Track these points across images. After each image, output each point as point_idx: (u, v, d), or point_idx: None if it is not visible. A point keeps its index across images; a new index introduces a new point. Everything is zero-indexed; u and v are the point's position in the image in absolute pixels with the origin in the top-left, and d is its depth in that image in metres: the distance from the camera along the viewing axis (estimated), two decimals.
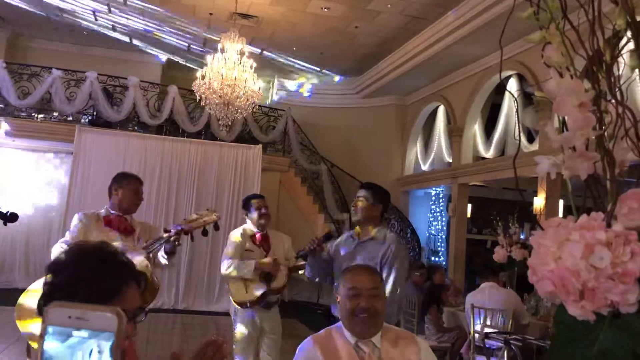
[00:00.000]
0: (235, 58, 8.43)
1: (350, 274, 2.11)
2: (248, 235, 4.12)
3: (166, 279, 9.50)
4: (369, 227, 3.31)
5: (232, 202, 10.03)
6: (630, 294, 0.62)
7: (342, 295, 2.04)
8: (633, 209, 0.66)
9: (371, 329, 1.98)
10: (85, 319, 0.57)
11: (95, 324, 0.57)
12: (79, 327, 0.56)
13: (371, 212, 3.32)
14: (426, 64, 10.06)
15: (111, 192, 3.30)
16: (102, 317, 0.57)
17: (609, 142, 0.71)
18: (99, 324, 0.57)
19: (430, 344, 5.35)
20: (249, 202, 4.20)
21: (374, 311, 1.97)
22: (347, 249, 3.32)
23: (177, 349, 6.94)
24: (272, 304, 4.08)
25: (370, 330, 1.98)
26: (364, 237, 3.31)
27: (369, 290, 2.00)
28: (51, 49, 11.61)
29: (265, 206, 4.15)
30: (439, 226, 12.76)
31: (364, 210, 3.29)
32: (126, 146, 9.77)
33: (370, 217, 3.32)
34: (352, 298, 1.99)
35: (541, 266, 0.70)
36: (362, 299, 1.97)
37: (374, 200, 3.33)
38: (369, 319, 1.96)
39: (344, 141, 12.66)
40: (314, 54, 11.23)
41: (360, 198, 3.32)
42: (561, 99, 0.68)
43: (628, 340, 0.64)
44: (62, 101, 10.23)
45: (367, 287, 2.01)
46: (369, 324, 1.97)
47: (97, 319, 0.57)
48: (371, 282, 2.03)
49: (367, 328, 1.97)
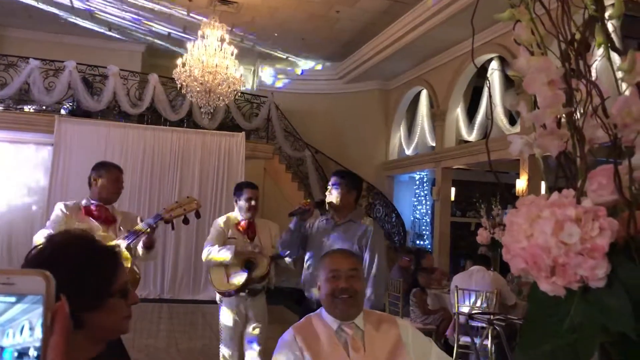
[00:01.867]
0: (216, 45, 8.36)
1: (329, 258, 2.15)
2: (232, 223, 4.10)
3: (152, 269, 9.47)
4: (344, 212, 3.41)
5: (216, 191, 10.00)
6: (599, 268, 0.63)
7: (322, 279, 2.07)
8: (602, 184, 0.66)
9: (352, 309, 2.01)
10: (12, 283, 0.56)
11: (23, 288, 0.56)
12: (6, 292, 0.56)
13: (347, 199, 3.41)
14: (408, 48, 10.06)
15: (91, 181, 3.26)
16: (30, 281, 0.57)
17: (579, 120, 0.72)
18: (26, 288, 0.57)
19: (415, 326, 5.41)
20: (241, 190, 4.15)
21: (353, 291, 2.01)
22: (322, 231, 3.41)
23: (164, 338, 6.95)
24: (258, 292, 4.07)
25: (351, 310, 2.01)
26: (341, 220, 3.39)
27: (347, 272, 2.04)
28: (28, 38, 11.38)
29: (255, 198, 4.11)
30: (423, 210, 12.84)
31: (340, 198, 3.38)
32: (107, 136, 9.67)
33: (346, 204, 3.41)
34: (331, 280, 2.03)
35: (514, 244, 0.70)
36: (341, 280, 2.02)
37: (349, 187, 3.43)
38: (349, 299, 2.00)
39: (327, 127, 12.64)
40: (296, 40, 11.16)
41: (334, 186, 3.40)
42: (530, 77, 0.68)
43: (597, 315, 0.65)
44: (40, 91, 10.07)
45: (346, 268, 2.05)
46: (349, 304, 2.00)
47: (25, 282, 0.57)
48: (349, 264, 2.08)
49: (348, 308, 2.01)
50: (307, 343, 1.93)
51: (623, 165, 0.67)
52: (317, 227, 3.45)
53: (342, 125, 12.66)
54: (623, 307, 0.62)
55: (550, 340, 0.67)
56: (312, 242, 3.44)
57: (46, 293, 0.57)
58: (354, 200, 3.47)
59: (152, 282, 9.51)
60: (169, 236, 9.33)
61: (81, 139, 9.42)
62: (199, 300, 9.38)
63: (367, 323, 2.01)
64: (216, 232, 4.07)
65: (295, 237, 3.42)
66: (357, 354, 1.91)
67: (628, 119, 0.60)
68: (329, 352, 1.91)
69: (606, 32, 0.66)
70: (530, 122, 0.74)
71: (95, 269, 1.17)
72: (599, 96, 0.70)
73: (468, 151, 9.69)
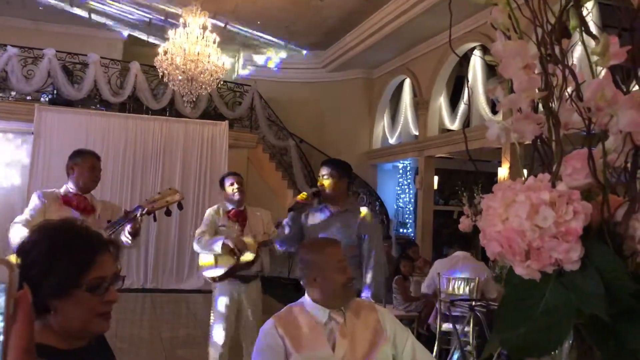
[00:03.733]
0: (198, 32, 8.28)
1: (332, 248, 2.12)
2: (223, 212, 4.15)
3: (134, 259, 9.42)
4: (338, 201, 3.39)
5: (199, 180, 9.95)
6: (573, 251, 0.63)
7: (329, 270, 2.03)
8: (577, 169, 0.67)
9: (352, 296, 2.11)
10: None
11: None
12: None
13: (339, 187, 3.39)
14: (392, 36, 10.04)
15: (68, 170, 3.22)
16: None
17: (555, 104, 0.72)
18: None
19: (397, 313, 5.45)
20: (223, 180, 4.24)
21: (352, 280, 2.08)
22: (318, 221, 3.38)
23: (148, 328, 6.93)
24: (252, 278, 4.08)
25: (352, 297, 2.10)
26: (336, 209, 3.38)
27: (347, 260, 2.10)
28: (4, 25, 11.13)
29: (239, 182, 4.17)
30: (406, 198, 12.90)
31: (332, 187, 3.36)
32: (88, 125, 9.55)
33: (338, 192, 3.40)
34: (342, 270, 2.03)
35: (489, 228, 0.70)
36: (348, 269, 2.06)
37: (340, 176, 3.41)
38: (352, 287, 2.08)
39: (311, 116, 12.61)
40: (279, 28, 11.08)
41: (325, 176, 3.38)
42: (506, 61, 0.68)
43: (572, 297, 0.65)
44: (19, 80, 9.89)
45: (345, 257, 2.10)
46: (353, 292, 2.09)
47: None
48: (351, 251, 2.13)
49: (353, 294, 2.08)
50: (289, 333, 1.93)
51: (597, 150, 0.67)
52: (313, 219, 3.42)
53: (325, 114, 12.64)
54: (596, 290, 0.63)
55: (525, 323, 0.68)
56: (312, 235, 3.38)
57: (9, 281, 0.56)
58: (346, 187, 3.47)
59: (135, 272, 9.46)
60: (151, 226, 9.26)
61: (62, 127, 9.29)
62: (183, 289, 9.36)
63: (347, 310, 2.02)
64: (208, 221, 4.12)
65: (294, 232, 3.40)
66: (344, 340, 1.92)
67: (601, 102, 0.61)
68: (310, 342, 1.91)
69: (580, 16, 0.66)
70: (507, 107, 0.74)
71: (66, 255, 1.15)
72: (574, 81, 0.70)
73: (451, 140, 9.73)
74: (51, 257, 1.13)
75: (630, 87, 0.67)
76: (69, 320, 1.14)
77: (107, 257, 1.21)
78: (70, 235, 1.21)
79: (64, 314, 1.12)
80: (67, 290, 1.13)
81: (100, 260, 1.19)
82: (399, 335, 1.99)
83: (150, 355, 5.66)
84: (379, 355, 1.91)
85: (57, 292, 1.11)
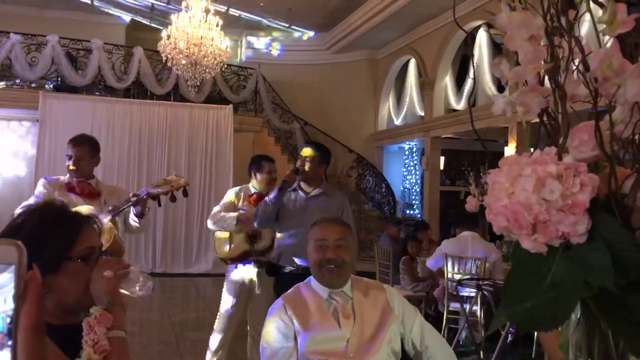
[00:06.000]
0: (201, 16, 8.22)
1: (317, 227, 2.13)
2: (245, 194, 4.03)
3: (142, 243, 9.48)
4: (313, 184, 3.49)
5: (205, 164, 9.97)
6: (580, 224, 0.63)
7: (310, 248, 2.07)
8: (583, 140, 0.66)
9: (338, 279, 2.02)
10: None
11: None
12: None
13: (319, 171, 3.52)
14: (396, 16, 9.94)
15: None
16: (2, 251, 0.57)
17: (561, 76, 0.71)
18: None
19: (405, 293, 5.46)
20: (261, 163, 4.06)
21: (340, 261, 2.00)
22: (296, 205, 3.46)
23: (157, 311, 6.99)
24: (264, 263, 4.06)
25: (337, 280, 2.01)
26: (312, 192, 3.47)
27: (335, 241, 2.04)
28: (7, 12, 11.11)
29: (275, 170, 4.07)
30: (413, 180, 12.89)
31: (312, 170, 3.46)
32: (93, 111, 9.56)
33: (317, 175, 3.52)
34: (319, 249, 2.03)
35: (495, 202, 0.70)
36: (329, 250, 2.02)
37: (321, 160, 3.52)
38: (335, 269, 2.00)
39: (316, 98, 12.56)
40: (282, 10, 11.00)
41: (307, 157, 3.46)
42: (511, 33, 0.67)
43: (579, 270, 0.65)
44: (23, 67, 9.89)
45: (333, 237, 2.04)
46: (336, 274, 2.00)
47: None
48: (337, 233, 2.07)
49: (335, 278, 2.01)
50: (297, 311, 1.94)
51: (604, 121, 0.66)
52: (289, 200, 3.47)
53: (330, 96, 12.59)
54: (603, 262, 0.62)
55: (532, 297, 0.68)
56: (290, 216, 3.44)
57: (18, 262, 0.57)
58: (324, 172, 3.60)
59: (143, 257, 9.53)
60: (158, 210, 9.31)
61: (67, 114, 9.30)
62: (191, 273, 9.43)
63: (356, 290, 2.03)
64: (228, 200, 4.04)
65: (275, 210, 3.44)
66: (347, 320, 1.93)
67: (608, 71, 0.60)
68: (318, 320, 1.93)
69: None
70: (512, 80, 0.73)
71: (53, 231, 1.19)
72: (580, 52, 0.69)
73: (457, 120, 9.68)
74: (39, 235, 1.17)
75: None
76: (64, 295, 1.18)
77: (91, 230, 1.27)
78: (53, 212, 1.27)
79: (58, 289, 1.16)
80: (60, 264, 1.17)
81: (85, 232, 1.25)
82: (407, 314, 2.00)
83: (160, 337, 5.73)
84: (387, 334, 1.92)
85: (50, 268, 1.13)
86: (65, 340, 1.10)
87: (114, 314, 1.15)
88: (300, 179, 3.47)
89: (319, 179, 3.55)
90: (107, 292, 1.16)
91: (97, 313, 1.12)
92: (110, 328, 1.12)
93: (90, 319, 1.11)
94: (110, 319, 1.13)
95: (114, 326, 1.14)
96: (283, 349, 1.89)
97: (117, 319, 1.15)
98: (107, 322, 1.12)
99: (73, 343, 1.11)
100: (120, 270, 1.22)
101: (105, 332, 1.10)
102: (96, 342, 1.08)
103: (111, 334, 1.12)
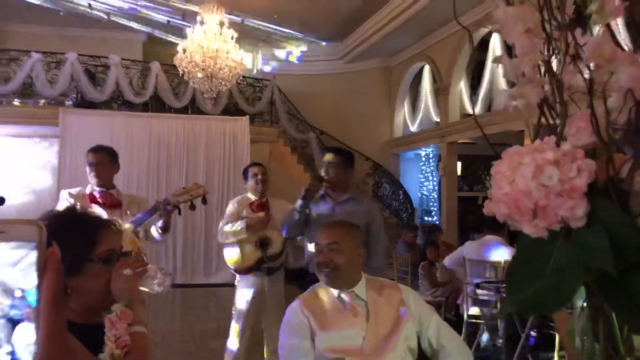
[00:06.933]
0: (216, 29, 8.34)
1: (320, 231, 2.17)
2: (246, 203, 4.16)
3: (163, 255, 9.57)
4: (340, 190, 3.40)
5: (223, 175, 10.05)
6: (578, 208, 0.65)
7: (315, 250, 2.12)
8: (580, 128, 0.68)
9: (336, 282, 2.04)
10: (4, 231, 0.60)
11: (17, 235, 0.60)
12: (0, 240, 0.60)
13: (343, 176, 3.41)
14: (409, 23, 9.97)
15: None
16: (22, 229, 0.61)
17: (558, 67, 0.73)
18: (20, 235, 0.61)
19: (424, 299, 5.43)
20: (247, 171, 4.25)
21: (333, 265, 2.02)
22: (323, 211, 3.38)
23: (179, 321, 7.05)
24: (276, 270, 4.11)
25: (335, 283, 2.04)
26: (340, 198, 3.38)
27: (327, 246, 2.06)
28: (28, 32, 11.38)
29: (262, 173, 4.18)
30: (430, 186, 12.84)
31: (336, 176, 3.37)
32: (112, 126, 9.71)
33: (341, 181, 3.40)
34: (317, 254, 2.08)
35: (497, 191, 0.72)
36: (321, 254, 2.05)
37: (344, 165, 3.42)
38: (330, 273, 2.02)
39: (331, 108, 12.61)
40: (296, 21, 11.09)
41: (330, 164, 3.39)
42: (508, 27, 0.70)
43: (580, 255, 0.67)
44: (44, 85, 10.10)
45: (325, 242, 2.07)
46: (332, 277, 2.03)
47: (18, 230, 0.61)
48: (329, 237, 2.09)
49: (332, 281, 2.04)
50: (313, 311, 1.97)
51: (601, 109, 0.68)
52: (316, 209, 3.41)
53: (345, 105, 12.63)
54: (602, 244, 0.64)
55: (535, 283, 0.69)
56: (317, 224, 3.39)
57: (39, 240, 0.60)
58: (350, 176, 3.47)
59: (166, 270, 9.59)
60: (178, 222, 9.41)
61: (86, 130, 9.45)
62: (212, 283, 9.48)
63: (370, 289, 2.04)
64: (230, 211, 4.13)
65: (302, 219, 3.40)
66: (360, 319, 1.95)
67: (600, 60, 0.62)
68: (335, 318, 1.96)
69: None
70: (511, 73, 0.76)
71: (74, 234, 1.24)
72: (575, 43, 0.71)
73: (472, 125, 9.64)
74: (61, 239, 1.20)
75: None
76: (87, 295, 1.22)
77: (111, 233, 1.32)
78: (73, 217, 1.32)
79: (81, 290, 1.20)
80: (82, 266, 1.21)
81: (105, 235, 1.29)
82: (424, 313, 2.01)
83: (182, 347, 5.77)
84: (403, 333, 1.93)
85: (72, 270, 1.17)
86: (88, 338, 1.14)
87: (134, 310, 1.19)
88: (326, 186, 3.40)
89: (345, 185, 3.44)
90: (126, 290, 1.20)
91: (118, 310, 1.16)
92: (131, 324, 1.16)
93: (111, 315, 1.15)
94: (130, 315, 1.17)
95: (135, 322, 1.17)
96: (300, 349, 1.92)
97: (137, 315, 1.19)
98: (128, 318, 1.16)
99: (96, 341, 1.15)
100: (138, 268, 1.26)
101: (126, 327, 1.14)
102: (118, 338, 1.12)
103: (132, 330, 1.16)
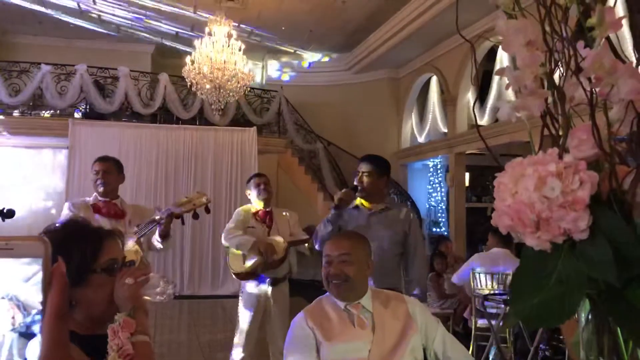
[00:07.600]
0: (224, 41, 8.39)
1: (327, 243, 2.16)
2: (251, 213, 4.19)
3: (170, 266, 9.58)
4: (376, 198, 3.29)
5: (231, 186, 10.07)
6: (581, 220, 0.65)
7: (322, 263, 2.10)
8: (582, 140, 0.68)
9: (346, 294, 2.02)
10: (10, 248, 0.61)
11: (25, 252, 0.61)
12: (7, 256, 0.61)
13: (378, 185, 3.29)
14: (417, 34, 10.00)
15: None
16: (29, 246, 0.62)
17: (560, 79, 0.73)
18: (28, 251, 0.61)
19: (432, 311, 5.40)
20: (250, 181, 4.29)
21: (344, 277, 2.00)
22: (358, 222, 3.23)
23: (186, 332, 7.04)
24: (280, 280, 4.10)
25: (345, 295, 2.02)
26: (375, 208, 3.26)
27: (338, 257, 2.04)
28: (38, 44, 11.51)
29: (264, 183, 4.20)
30: (438, 197, 12.80)
31: (371, 184, 3.25)
32: (121, 137, 9.77)
33: (376, 190, 3.29)
34: (325, 265, 2.06)
35: (500, 203, 0.72)
36: (332, 266, 2.03)
37: (380, 173, 3.31)
38: (341, 285, 2.00)
39: (338, 118, 12.63)
40: (303, 32, 11.15)
41: (365, 172, 3.27)
42: (509, 39, 0.70)
43: (583, 267, 0.67)
44: (53, 96, 10.19)
45: (336, 253, 2.05)
46: (342, 289, 2.01)
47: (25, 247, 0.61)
48: (340, 249, 2.06)
49: (341, 293, 2.02)
50: (318, 323, 1.96)
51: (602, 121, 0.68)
52: (353, 220, 3.26)
53: (353, 115, 12.64)
54: (605, 256, 0.64)
55: (539, 294, 0.69)
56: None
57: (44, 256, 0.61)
58: (385, 185, 3.36)
59: (170, 280, 9.60)
60: (185, 234, 9.43)
61: (95, 140, 9.51)
62: (219, 295, 9.46)
63: (376, 301, 2.03)
64: (235, 221, 4.16)
65: (335, 230, 3.25)
66: (366, 331, 1.94)
67: (600, 72, 0.62)
68: (341, 330, 1.95)
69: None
70: (514, 85, 0.76)
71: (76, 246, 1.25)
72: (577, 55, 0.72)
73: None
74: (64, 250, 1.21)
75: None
76: (91, 306, 1.23)
77: (113, 243, 1.33)
78: (76, 228, 1.34)
79: (85, 301, 1.21)
80: (85, 277, 1.22)
81: (108, 245, 1.30)
82: (429, 325, 2.00)
83: (188, 358, 5.76)
84: (409, 345, 1.92)
85: (76, 281, 1.17)
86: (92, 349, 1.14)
87: (137, 319, 1.19)
88: (360, 195, 3.28)
89: (380, 194, 3.33)
90: (129, 299, 1.21)
91: (120, 319, 1.16)
92: (134, 333, 1.16)
93: (114, 325, 1.16)
94: (133, 325, 1.17)
95: (138, 331, 1.18)
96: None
97: (140, 324, 1.19)
98: (131, 327, 1.16)
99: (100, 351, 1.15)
100: (140, 277, 1.26)
101: (129, 337, 1.14)
102: (120, 347, 1.12)
103: (135, 339, 1.16)
